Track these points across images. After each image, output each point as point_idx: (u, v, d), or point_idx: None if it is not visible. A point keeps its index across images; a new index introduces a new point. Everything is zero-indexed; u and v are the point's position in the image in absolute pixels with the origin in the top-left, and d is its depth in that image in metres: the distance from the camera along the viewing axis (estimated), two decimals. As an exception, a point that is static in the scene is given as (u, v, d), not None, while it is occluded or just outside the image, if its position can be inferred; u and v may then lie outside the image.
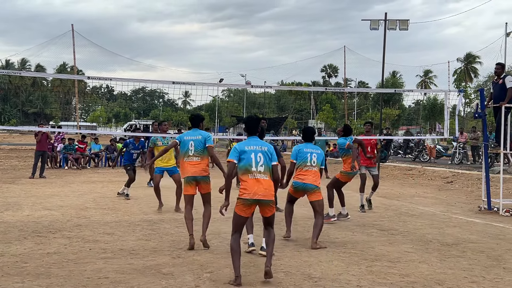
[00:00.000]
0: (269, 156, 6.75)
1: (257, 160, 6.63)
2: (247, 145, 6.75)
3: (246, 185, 6.58)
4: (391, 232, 9.70)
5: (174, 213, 11.48)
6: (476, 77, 79.68)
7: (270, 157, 6.76)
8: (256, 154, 6.65)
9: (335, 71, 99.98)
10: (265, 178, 6.61)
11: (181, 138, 8.62)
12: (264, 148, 6.75)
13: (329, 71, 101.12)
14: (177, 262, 7.19)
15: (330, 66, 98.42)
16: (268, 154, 6.74)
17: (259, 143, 6.83)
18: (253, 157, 6.63)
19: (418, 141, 30.04)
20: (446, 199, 15.42)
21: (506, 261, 7.63)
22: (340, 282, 6.36)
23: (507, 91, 12.35)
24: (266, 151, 6.74)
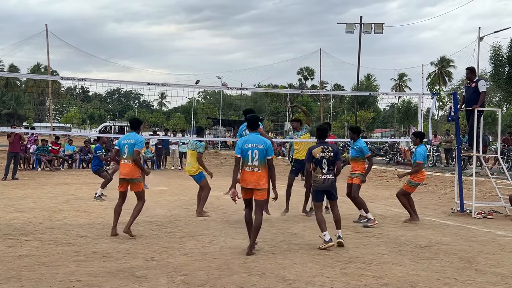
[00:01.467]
0: (264, 152, 7.96)
1: (253, 156, 7.94)
2: (246, 142, 8.03)
3: (243, 175, 8.01)
4: (365, 234, 9.76)
5: (148, 216, 11.39)
6: (450, 80, 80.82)
7: (265, 153, 7.97)
8: (253, 151, 7.95)
9: (311, 74, 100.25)
10: (258, 171, 7.91)
11: (119, 142, 9.43)
12: (260, 146, 7.97)
13: (305, 73, 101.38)
14: (150, 265, 7.14)
15: (306, 68, 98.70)
16: (263, 151, 7.97)
17: (257, 140, 8.05)
18: (250, 154, 7.95)
19: (392, 144, 30.32)
20: (419, 201, 15.55)
21: (478, 263, 7.72)
22: (314, 284, 6.38)
23: (479, 95, 12.54)
24: (262, 148, 7.97)
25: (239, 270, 6.95)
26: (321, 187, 8.66)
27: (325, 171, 8.63)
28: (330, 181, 8.63)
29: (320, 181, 8.64)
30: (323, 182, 8.63)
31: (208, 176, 11.87)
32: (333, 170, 8.65)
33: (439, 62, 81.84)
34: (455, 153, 14.90)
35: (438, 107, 62.21)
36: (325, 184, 8.63)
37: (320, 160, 8.63)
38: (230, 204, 13.42)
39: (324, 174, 8.62)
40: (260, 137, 8.17)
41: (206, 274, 6.70)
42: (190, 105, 66.57)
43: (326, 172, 8.62)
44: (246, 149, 7.98)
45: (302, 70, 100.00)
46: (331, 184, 8.65)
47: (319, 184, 8.66)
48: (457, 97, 13.58)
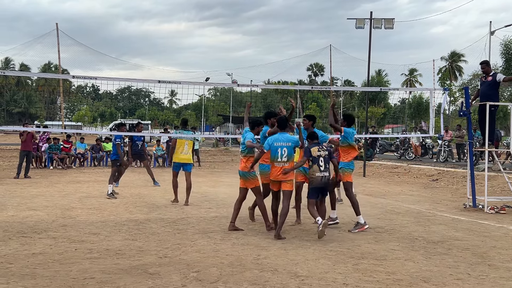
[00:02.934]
0: (292, 149, 9.10)
1: (282, 153, 9.00)
2: (276, 141, 9.07)
3: (273, 170, 9.13)
4: (377, 230, 9.73)
5: (160, 213, 11.44)
6: (461, 75, 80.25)
7: (293, 150, 9.15)
8: (282, 149, 8.99)
9: (321, 70, 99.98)
10: (286, 165, 9.01)
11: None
12: (288, 144, 9.04)
13: (315, 69, 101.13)
14: (163, 261, 7.17)
15: (316, 65, 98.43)
16: (291, 148, 9.08)
17: (285, 139, 9.09)
18: (279, 151, 8.99)
19: (403, 139, 30.19)
20: (431, 196, 15.52)
21: (491, 258, 7.69)
22: (326, 280, 6.38)
23: (497, 88, 12.49)
24: (289, 146, 9.05)
25: (252, 266, 6.97)
26: (319, 184, 9.04)
27: (322, 168, 9.02)
28: (326, 178, 9.08)
29: (318, 179, 9.02)
30: (321, 180, 9.02)
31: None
32: (328, 168, 9.13)
33: (450, 56, 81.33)
34: (466, 148, 14.81)
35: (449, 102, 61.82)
36: (323, 181, 9.04)
37: (317, 158, 9.03)
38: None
39: (322, 171, 9.02)
40: (288, 136, 9.20)
41: (219, 270, 6.72)
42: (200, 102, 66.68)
43: (323, 169, 9.04)
44: (276, 147, 9.00)
45: (312, 66, 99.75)
46: (327, 182, 9.13)
47: (317, 182, 9.03)
48: (468, 92, 13.50)
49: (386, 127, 75.99)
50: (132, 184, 17.34)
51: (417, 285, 6.24)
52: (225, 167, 27.94)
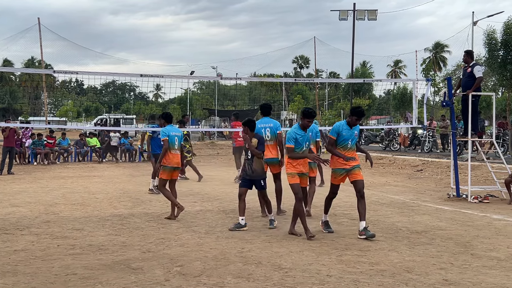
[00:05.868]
0: (274, 129, 10.17)
1: (266, 133, 10.04)
2: (260, 123, 10.10)
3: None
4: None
5: (144, 208, 11.39)
6: (445, 66, 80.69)
7: (275, 130, 10.18)
8: (265, 129, 10.12)
9: (307, 62, 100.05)
10: (271, 144, 10.03)
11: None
12: (270, 125, 10.21)
13: (300, 62, 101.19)
14: (147, 256, 7.13)
15: (301, 57, 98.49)
16: (273, 128, 10.18)
17: (267, 121, 10.29)
18: (264, 132, 10.04)
19: (388, 130, 30.32)
20: (416, 187, 15.61)
21: (474, 247, 7.74)
22: (310, 272, 6.38)
23: (475, 80, 12.52)
24: (271, 126, 10.20)
25: (236, 259, 6.95)
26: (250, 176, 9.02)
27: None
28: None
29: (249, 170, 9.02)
30: (252, 172, 9.00)
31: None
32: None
33: (434, 47, 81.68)
34: (451, 138, 14.89)
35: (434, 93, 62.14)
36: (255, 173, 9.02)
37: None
38: (226, 194, 13.46)
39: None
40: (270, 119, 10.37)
41: (203, 264, 6.70)
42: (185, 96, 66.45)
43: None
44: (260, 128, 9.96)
45: (297, 58, 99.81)
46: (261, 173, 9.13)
47: (248, 173, 9.02)
48: (451, 82, 13.56)
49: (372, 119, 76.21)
50: (117, 179, 17.25)
51: (400, 275, 6.27)
52: (211, 161, 27.89)
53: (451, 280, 6.08)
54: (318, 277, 6.16)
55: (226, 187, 15.06)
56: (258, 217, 10.25)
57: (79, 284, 5.89)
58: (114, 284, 5.86)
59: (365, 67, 74.82)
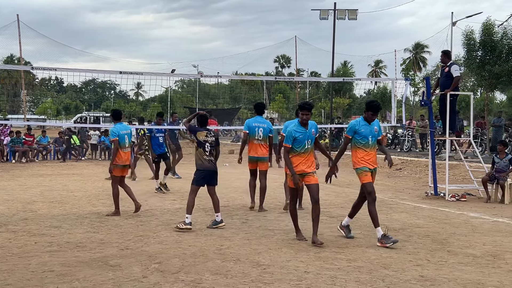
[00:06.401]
0: (267, 130, 10.71)
1: (258, 133, 10.60)
2: (254, 122, 10.75)
3: (250, 147, 10.71)
4: (340, 219, 9.77)
5: (123, 205, 11.30)
6: (425, 66, 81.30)
7: (268, 131, 10.72)
8: (259, 129, 10.61)
9: (288, 62, 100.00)
10: (262, 144, 10.69)
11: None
12: (264, 125, 10.74)
13: (282, 61, 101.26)
14: (125, 253, 7.10)
15: (283, 56, 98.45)
16: (266, 129, 10.73)
17: (261, 121, 10.81)
18: (257, 131, 10.60)
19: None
20: (394, 185, 15.74)
21: (450, 245, 7.83)
22: (288, 268, 6.41)
23: (453, 79, 12.65)
24: (265, 127, 10.74)
25: (214, 256, 6.96)
26: (204, 166, 8.97)
27: (207, 153, 8.99)
28: (213, 163, 9.05)
29: (204, 162, 8.98)
30: (208, 163, 8.97)
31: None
32: (213, 154, 9.11)
33: (414, 48, 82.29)
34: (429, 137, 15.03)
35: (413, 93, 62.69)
36: (210, 164, 9.00)
37: (204, 143, 8.99)
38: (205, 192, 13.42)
39: (207, 156, 8.99)
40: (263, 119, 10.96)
41: (181, 261, 6.69)
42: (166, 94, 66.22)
43: (209, 154, 9.01)
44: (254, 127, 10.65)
45: (278, 58, 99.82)
46: (214, 166, 9.06)
47: (204, 164, 8.99)
48: (429, 82, 13.70)
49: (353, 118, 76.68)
50: (96, 177, 17.13)
51: (377, 271, 6.32)
52: (191, 159, 27.76)
53: (427, 276, 6.15)
54: (296, 274, 6.19)
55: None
56: (238, 214, 10.26)
57: (56, 280, 5.85)
58: (91, 281, 5.83)
59: (346, 67, 75.24)
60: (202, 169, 9.00)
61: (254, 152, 10.77)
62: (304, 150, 7.87)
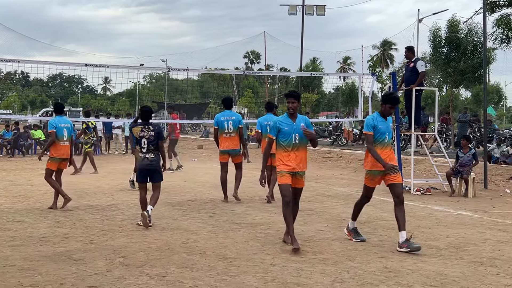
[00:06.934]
0: (236, 122, 10.95)
1: (228, 126, 10.85)
2: (222, 116, 11.00)
3: (221, 141, 10.94)
4: (307, 212, 9.86)
5: (89, 200, 11.19)
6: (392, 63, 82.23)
7: (238, 123, 10.97)
8: (228, 122, 10.86)
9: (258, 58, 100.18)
10: (233, 136, 10.90)
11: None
12: (233, 118, 11.00)
13: (251, 57, 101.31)
14: (89, 247, 7.01)
15: (252, 52, 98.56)
16: (235, 121, 10.96)
17: (230, 114, 11.09)
18: (226, 124, 10.86)
19: (336, 125, 30.73)
20: (361, 180, 15.75)
21: (415, 237, 7.90)
22: (254, 261, 6.41)
23: (418, 74, 12.81)
24: (234, 119, 10.98)
25: (180, 250, 6.92)
26: (141, 165, 8.62)
27: (144, 150, 8.57)
28: (149, 160, 8.59)
29: (140, 159, 8.65)
30: (142, 161, 8.60)
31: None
32: (153, 150, 8.64)
33: (382, 45, 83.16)
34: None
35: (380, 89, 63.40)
36: (144, 162, 8.59)
37: (140, 140, 8.60)
38: (173, 187, 13.37)
39: (144, 153, 8.58)
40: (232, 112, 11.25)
41: (146, 255, 6.64)
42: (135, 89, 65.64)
43: (146, 151, 8.57)
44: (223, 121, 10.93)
45: (248, 53, 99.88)
46: (151, 164, 8.60)
47: (139, 162, 8.67)
48: (395, 77, 13.84)
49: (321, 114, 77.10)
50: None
51: (342, 263, 6.37)
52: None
53: (391, 267, 6.22)
54: (262, 266, 6.20)
55: (172, 179, 14.95)
56: (205, 209, 10.23)
57: (17, 275, 5.74)
58: (54, 275, 5.74)
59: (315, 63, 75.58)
60: (139, 167, 8.68)
61: (225, 145, 10.98)
62: (291, 145, 7.13)
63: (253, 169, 17.16)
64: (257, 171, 16.45)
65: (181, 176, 15.83)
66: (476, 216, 9.89)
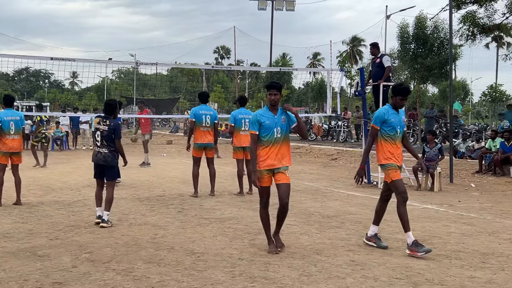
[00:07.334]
0: (213, 118, 11.10)
1: (206, 120, 10.98)
2: (200, 110, 11.09)
3: (197, 134, 11.01)
4: (275, 207, 9.84)
5: (55, 196, 11.03)
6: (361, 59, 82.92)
7: (214, 118, 11.12)
8: (206, 116, 10.99)
9: (228, 53, 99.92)
10: (209, 130, 11.04)
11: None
12: (210, 113, 11.16)
13: (221, 52, 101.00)
14: (54, 243, 6.91)
15: (222, 47, 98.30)
16: (212, 117, 11.10)
17: (207, 109, 11.25)
18: (204, 118, 10.96)
19: (305, 120, 30.86)
20: (330, 175, 15.99)
21: (381, 230, 7.95)
22: (222, 256, 6.41)
23: (385, 70, 12.95)
24: (211, 114, 11.13)
25: (147, 245, 6.88)
26: (94, 159, 8.32)
27: (98, 144, 8.23)
28: (102, 155, 8.19)
29: (94, 154, 8.36)
30: (95, 155, 8.28)
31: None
32: (107, 146, 8.19)
33: (351, 41, 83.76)
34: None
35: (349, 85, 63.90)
36: (97, 157, 8.24)
37: (95, 132, 8.30)
38: (141, 182, 13.27)
39: (98, 147, 8.25)
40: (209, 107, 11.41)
41: (113, 251, 6.58)
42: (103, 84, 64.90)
43: (100, 145, 8.22)
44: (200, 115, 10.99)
45: (218, 48, 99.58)
46: (103, 159, 8.19)
47: (93, 156, 8.36)
48: (363, 72, 13.97)
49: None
50: (27, 167, 16.57)
51: (309, 257, 6.41)
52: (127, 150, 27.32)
53: (358, 261, 6.28)
54: (230, 261, 6.20)
55: (141, 175, 14.84)
56: (174, 204, 10.18)
57: (-21, 272, 5.63)
58: (18, 272, 5.65)
59: (285, 58, 75.83)
60: (93, 161, 8.33)
61: (201, 139, 11.11)
62: (273, 140, 6.59)
63: (223, 164, 17.14)
64: (227, 166, 16.53)
65: (150, 172, 15.73)
66: (441, 210, 10.05)
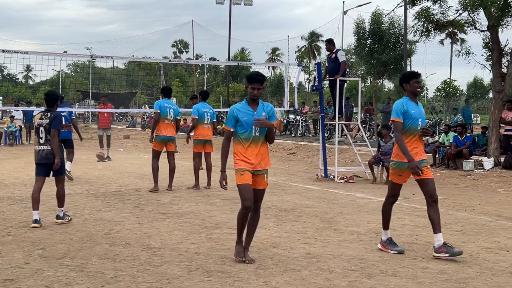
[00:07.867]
0: (176, 112, 11.34)
1: (170, 113, 11.14)
2: (165, 103, 11.26)
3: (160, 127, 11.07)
4: (233, 201, 9.87)
5: (7, 191, 10.77)
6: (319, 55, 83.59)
7: (177, 113, 11.38)
8: (170, 110, 11.17)
9: (186, 47, 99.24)
10: (172, 124, 11.22)
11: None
12: (174, 107, 11.37)
13: (180, 46, 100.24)
14: (6, 240, 6.75)
15: (181, 41, 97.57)
16: (176, 111, 11.35)
17: (171, 103, 11.51)
18: (168, 111, 11.12)
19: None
20: (288, 169, 16.10)
21: (337, 223, 8.13)
22: (179, 250, 6.38)
23: (340, 65, 13.11)
24: (175, 109, 11.36)
25: (102, 241, 6.79)
26: (37, 159, 7.66)
27: (42, 141, 7.59)
28: (45, 153, 7.55)
29: (35, 152, 7.68)
30: (38, 153, 7.62)
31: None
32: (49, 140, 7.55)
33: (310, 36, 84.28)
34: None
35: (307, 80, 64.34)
36: (40, 155, 7.60)
37: (38, 128, 7.62)
38: (97, 178, 13.09)
39: (40, 144, 7.60)
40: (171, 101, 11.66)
41: (67, 246, 6.47)
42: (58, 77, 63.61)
43: (43, 142, 7.58)
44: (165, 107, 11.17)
45: (176, 42, 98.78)
46: (46, 157, 7.55)
47: (36, 156, 7.67)
48: (320, 67, 14.10)
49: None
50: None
51: (266, 250, 6.45)
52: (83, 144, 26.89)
53: (313, 253, 6.34)
54: (187, 255, 6.17)
55: (98, 171, 14.64)
56: (130, 199, 10.08)
57: None
58: (-33, 270, 5.50)
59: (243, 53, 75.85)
60: (37, 162, 7.66)
61: (164, 131, 11.19)
62: (251, 138, 5.92)
63: (181, 159, 17.05)
64: (184, 161, 16.45)
65: (106, 167, 15.53)
66: (396, 202, 10.21)
